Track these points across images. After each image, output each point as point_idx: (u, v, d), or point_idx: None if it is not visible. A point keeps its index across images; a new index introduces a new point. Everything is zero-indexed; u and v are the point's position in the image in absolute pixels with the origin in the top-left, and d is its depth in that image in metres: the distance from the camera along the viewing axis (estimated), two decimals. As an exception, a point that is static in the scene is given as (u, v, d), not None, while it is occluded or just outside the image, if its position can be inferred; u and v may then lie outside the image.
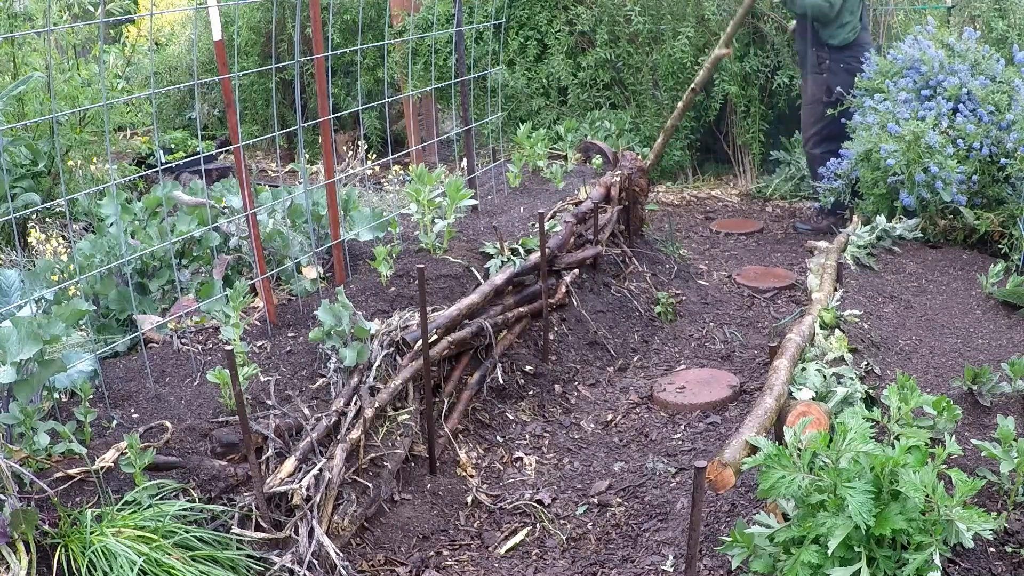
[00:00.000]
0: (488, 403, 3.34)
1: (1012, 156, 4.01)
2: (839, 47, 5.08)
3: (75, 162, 5.34)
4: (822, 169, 5.13)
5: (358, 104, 4.68)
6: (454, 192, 3.60)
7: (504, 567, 2.60)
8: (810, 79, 5.27)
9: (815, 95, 5.25)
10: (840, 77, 5.11)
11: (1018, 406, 2.70)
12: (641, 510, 2.80)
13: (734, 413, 3.32)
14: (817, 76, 5.19)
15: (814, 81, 5.23)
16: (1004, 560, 2.02)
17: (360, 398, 2.76)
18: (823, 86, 5.18)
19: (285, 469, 2.44)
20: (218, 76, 3.23)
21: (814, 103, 5.26)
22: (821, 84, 5.19)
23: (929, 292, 3.74)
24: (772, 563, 2.02)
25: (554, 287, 3.82)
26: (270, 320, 3.10)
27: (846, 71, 5.12)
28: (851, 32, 5.09)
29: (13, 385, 2.27)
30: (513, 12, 6.70)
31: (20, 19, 5.46)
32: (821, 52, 5.15)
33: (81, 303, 2.50)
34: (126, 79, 5.71)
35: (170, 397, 2.66)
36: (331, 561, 2.34)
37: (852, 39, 5.11)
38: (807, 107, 5.36)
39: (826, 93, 5.16)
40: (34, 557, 2.05)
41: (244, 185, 2.95)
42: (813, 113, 5.29)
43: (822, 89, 5.19)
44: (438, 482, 2.89)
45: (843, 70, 5.11)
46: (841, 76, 5.11)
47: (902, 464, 1.87)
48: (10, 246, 4.52)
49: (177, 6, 8.55)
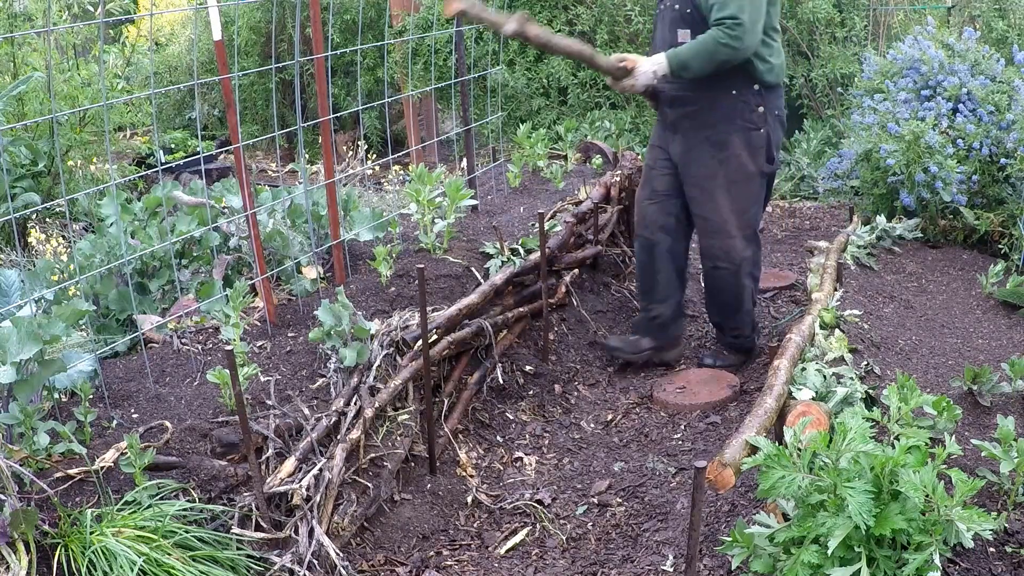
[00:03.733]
0: (488, 403, 3.34)
1: (1012, 156, 4.01)
2: (773, 86, 3.35)
3: (75, 162, 5.35)
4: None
5: (358, 104, 4.68)
6: (454, 192, 3.60)
7: (504, 567, 2.60)
8: (736, 140, 3.33)
9: (746, 165, 3.36)
10: (778, 130, 3.42)
11: (1018, 406, 2.70)
12: (641, 510, 2.80)
13: (734, 413, 3.32)
14: (753, 134, 3.33)
15: (746, 143, 3.33)
16: (1004, 560, 2.02)
17: (360, 398, 2.76)
18: (762, 148, 3.36)
19: (285, 469, 2.44)
20: (218, 76, 3.23)
21: (746, 179, 3.37)
22: (759, 146, 3.35)
23: (929, 292, 3.74)
24: (772, 563, 2.02)
25: (554, 287, 3.82)
26: (270, 320, 3.10)
27: (781, 122, 3.45)
28: (781, 59, 3.40)
29: (13, 385, 2.27)
30: (513, 12, 6.71)
31: (20, 19, 5.47)
32: (751, 97, 3.31)
33: (81, 303, 2.50)
34: (126, 79, 5.72)
35: (170, 397, 2.66)
36: (331, 561, 2.34)
37: (783, 77, 3.44)
38: (734, 187, 3.37)
39: (767, 158, 3.38)
40: (34, 557, 2.05)
41: (244, 185, 2.95)
42: (746, 195, 3.40)
43: (760, 153, 3.36)
44: (438, 482, 2.89)
45: (779, 120, 3.42)
46: (779, 129, 3.43)
47: (902, 464, 1.87)
48: (10, 246, 4.52)
49: (177, 6, 8.55)
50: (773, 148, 3.41)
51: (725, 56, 3.15)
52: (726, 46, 3.12)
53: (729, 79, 3.28)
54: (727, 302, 3.58)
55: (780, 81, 3.41)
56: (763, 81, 3.31)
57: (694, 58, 3.19)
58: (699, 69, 3.20)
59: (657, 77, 3.30)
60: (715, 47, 3.14)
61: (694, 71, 3.22)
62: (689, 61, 3.20)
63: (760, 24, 3.18)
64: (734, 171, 3.37)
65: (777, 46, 3.36)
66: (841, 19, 6.08)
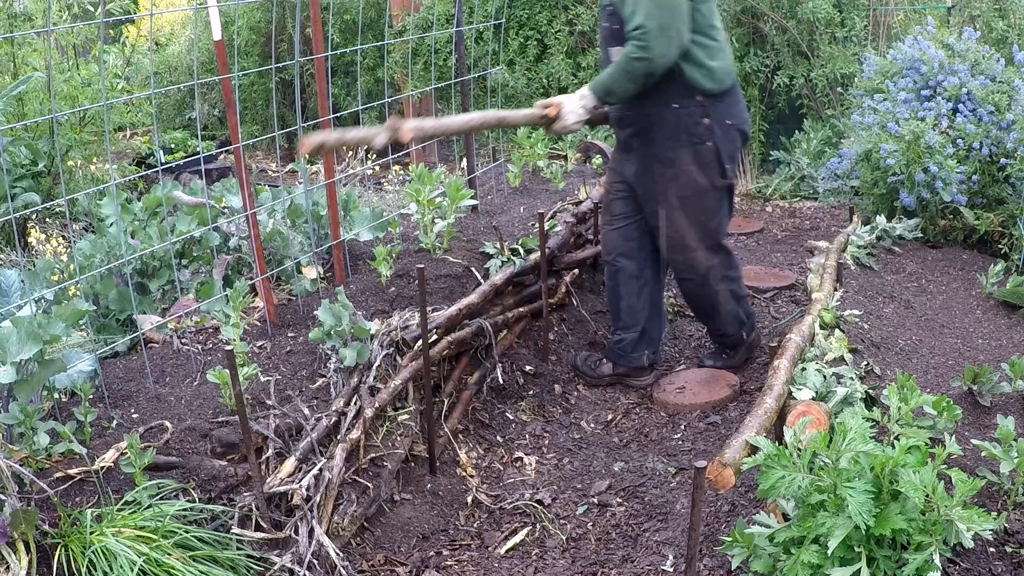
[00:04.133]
0: (488, 403, 3.34)
1: (1012, 156, 4.01)
2: (718, 93, 3.14)
3: (75, 162, 5.35)
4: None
5: (358, 104, 4.68)
6: (454, 192, 3.60)
7: (504, 567, 2.60)
8: (683, 156, 3.19)
9: (696, 181, 3.22)
10: (730, 142, 3.22)
11: (1018, 406, 2.70)
12: (641, 510, 2.80)
13: (734, 413, 3.32)
14: (700, 148, 3.17)
15: (693, 158, 3.18)
16: (1004, 560, 2.02)
17: (360, 398, 2.76)
18: (712, 163, 3.20)
19: (285, 469, 2.44)
20: (218, 76, 3.23)
21: (698, 194, 3.25)
22: (708, 161, 3.20)
23: (929, 292, 3.74)
24: (772, 563, 2.02)
25: (554, 287, 3.82)
26: (270, 320, 3.10)
27: (738, 131, 3.25)
28: (726, 61, 3.18)
29: (13, 385, 2.27)
30: (513, 12, 6.70)
31: (20, 19, 5.47)
32: (695, 109, 3.14)
33: (81, 303, 2.50)
34: (126, 79, 5.72)
35: (170, 397, 2.66)
36: (331, 561, 2.34)
37: (731, 81, 3.20)
38: (687, 203, 3.26)
39: (719, 172, 3.23)
40: (34, 557, 2.05)
41: (244, 185, 2.95)
42: (701, 209, 3.28)
43: (711, 168, 3.21)
44: (438, 482, 2.89)
45: (733, 129, 3.22)
46: (732, 139, 3.22)
47: (902, 464, 1.87)
48: (10, 246, 4.52)
49: (177, 6, 8.55)
50: (725, 161, 3.23)
51: (642, 69, 2.99)
52: (638, 59, 2.97)
53: (666, 92, 3.11)
54: (702, 308, 3.57)
55: (727, 87, 3.18)
56: (703, 89, 3.11)
57: (614, 80, 3.05)
58: (623, 90, 3.07)
59: (588, 110, 3.14)
60: (628, 63, 3.00)
61: (619, 93, 3.08)
62: (610, 84, 3.07)
63: (676, 28, 2.97)
64: (684, 187, 3.24)
65: (717, 46, 3.14)
66: (841, 19, 6.08)
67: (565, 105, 3.11)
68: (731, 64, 3.22)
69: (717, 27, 3.14)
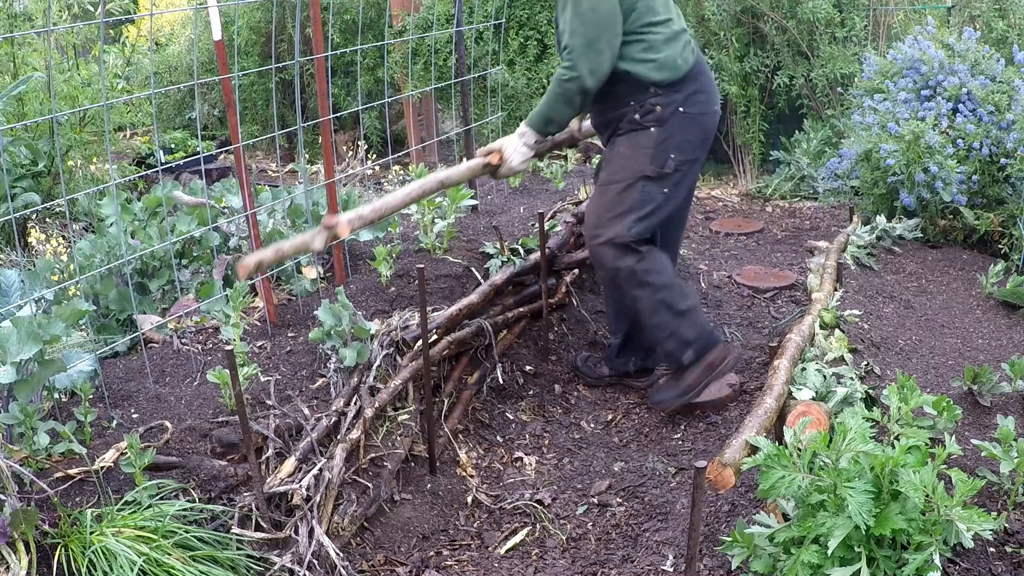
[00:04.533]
0: (488, 403, 3.34)
1: (1012, 156, 4.01)
2: (675, 82, 2.96)
3: (75, 162, 5.35)
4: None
5: (358, 104, 4.68)
6: (454, 192, 3.60)
7: (504, 567, 2.60)
8: (620, 141, 3.04)
9: (628, 163, 3.01)
10: (684, 131, 2.99)
11: (1018, 406, 2.70)
12: (641, 510, 2.80)
13: (734, 413, 3.32)
14: (639, 134, 2.99)
15: (631, 140, 3.01)
16: (1004, 560, 2.02)
17: (360, 398, 2.76)
18: (647, 149, 2.98)
19: (285, 469, 2.44)
20: (218, 76, 3.23)
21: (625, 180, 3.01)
22: (644, 146, 2.98)
23: (929, 292, 3.74)
24: (772, 563, 2.02)
25: (554, 287, 3.82)
26: (270, 320, 3.10)
27: (696, 121, 3.01)
28: (674, 50, 2.97)
29: (13, 385, 2.27)
30: (513, 12, 6.70)
31: (20, 19, 5.47)
32: (648, 100, 2.97)
33: (81, 303, 2.50)
34: (126, 79, 5.72)
35: (170, 397, 2.66)
36: (331, 561, 2.35)
37: (687, 67, 2.98)
38: (609, 189, 3.05)
39: (655, 161, 2.97)
40: (34, 557, 2.05)
41: (244, 185, 2.95)
42: (620, 199, 3.02)
43: (644, 154, 2.98)
44: (438, 482, 2.89)
45: (689, 119, 2.99)
46: (686, 128, 2.99)
47: (902, 464, 1.87)
48: (10, 246, 4.52)
49: (177, 6, 8.55)
50: (670, 150, 2.97)
51: (573, 89, 2.89)
52: (568, 80, 2.88)
53: (622, 93, 3.00)
54: (624, 309, 3.26)
55: (682, 73, 2.98)
56: (655, 81, 2.95)
57: (550, 107, 2.96)
58: (562, 114, 2.97)
59: (531, 146, 3.04)
60: (559, 85, 2.91)
61: (559, 119, 2.99)
62: (547, 112, 2.98)
63: (604, 40, 2.86)
64: (613, 171, 3.05)
65: (662, 37, 2.96)
66: (841, 19, 6.08)
67: (507, 148, 3.03)
68: (687, 51, 3.02)
69: (660, 20, 2.98)
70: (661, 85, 2.96)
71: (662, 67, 2.95)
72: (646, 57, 2.94)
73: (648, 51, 2.95)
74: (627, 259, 3.04)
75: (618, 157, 3.04)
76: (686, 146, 3.01)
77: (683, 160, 3.01)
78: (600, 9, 2.84)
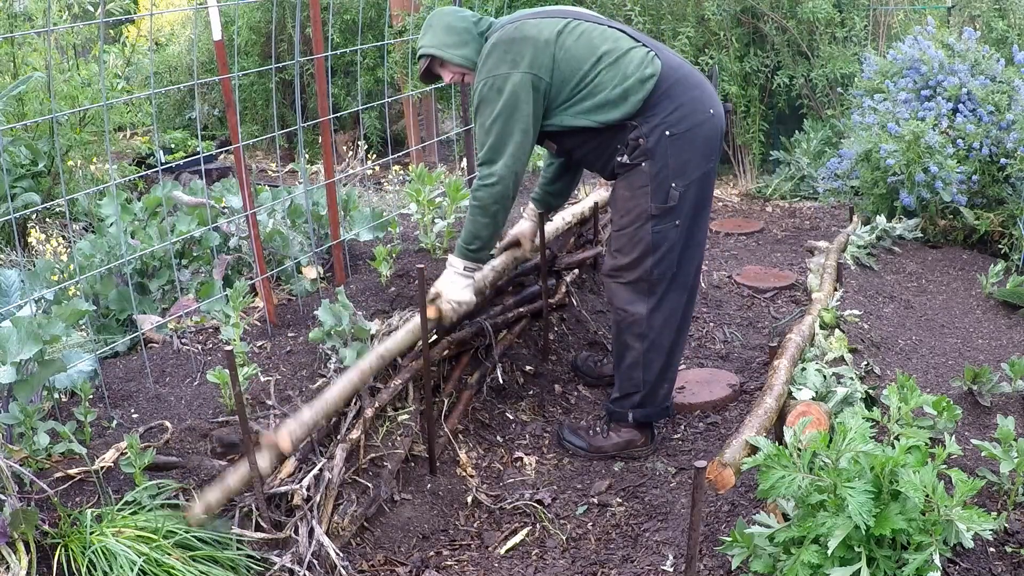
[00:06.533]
0: (488, 403, 3.34)
1: (1012, 156, 4.01)
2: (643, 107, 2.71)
3: (75, 162, 5.35)
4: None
5: (358, 104, 4.68)
6: (454, 192, 3.60)
7: (504, 567, 2.60)
8: (619, 185, 2.86)
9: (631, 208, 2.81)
10: (679, 154, 2.73)
11: (1018, 406, 2.70)
12: (641, 510, 2.80)
13: (734, 413, 3.32)
14: (632, 174, 2.79)
15: (627, 184, 2.81)
16: (1004, 560, 2.02)
17: (360, 398, 2.76)
18: (645, 187, 2.76)
19: (285, 469, 2.44)
20: (218, 76, 3.23)
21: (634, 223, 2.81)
22: (641, 185, 2.77)
23: (929, 292, 3.75)
24: (772, 563, 2.02)
25: (554, 287, 3.82)
26: (270, 320, 3.10)
27: (684, 140, 2.73)
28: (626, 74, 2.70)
29: (13, 385, 2.27)
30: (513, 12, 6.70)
31: (20, 19, 5.47)
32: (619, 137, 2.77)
33: (81, 303, 2.50)
34: (126, 79, 5.72)
35: (170, 397, 2.66)
36: (331, 561, 2.34)
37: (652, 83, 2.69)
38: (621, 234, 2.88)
39: (658, 196, 2.75)
40: (34, 557, 2.05)
41: (244, 185, 2.95)
42: (633, 240, 2.83)
43: (643, 193, 2.77)
44: (438, 482, 2.89)
45: (676, 140, 2.72)
46: (678, 149, 2.72)
47: (902, 464, 1.87)
48: (10, 246, 4.52)
49: (177, 6, 8.55)
50: (670, 178, 2.74)
51: (491, 200, 2.78)
52: (481, 188, 2.77)
53: (598, 144, 2.82)
54: (614, 347, 3.09)
55: (647, 93, 2.70)
56: (627, 114, 2.72)
57: (473, 229, 2.85)
58: (488, 228, 2.85)
59: (466, 276, 2.92)
60: (473, 198, 2.80)
61: (486, 234, 2.86)
62: (473, 234, 2.86)
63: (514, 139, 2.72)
64: (620, 215, 2.87)
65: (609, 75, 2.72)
66: (841, 19, 6.08)
67: (444, 293, 2.90)
68: (645, 65, 2.72)
69: (602, 53, 2.73)
70: (633, 115, 2.72)
71: (625, 97, 2.71)
72: (605, 100, 2.72)
73: (602, 92, 2.72)
74: (640, 306, 2.89)
75: (620, 200, 2.86)
76: (686, 168, 2.76)
77: (687, 184, 2.76)
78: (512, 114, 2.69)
